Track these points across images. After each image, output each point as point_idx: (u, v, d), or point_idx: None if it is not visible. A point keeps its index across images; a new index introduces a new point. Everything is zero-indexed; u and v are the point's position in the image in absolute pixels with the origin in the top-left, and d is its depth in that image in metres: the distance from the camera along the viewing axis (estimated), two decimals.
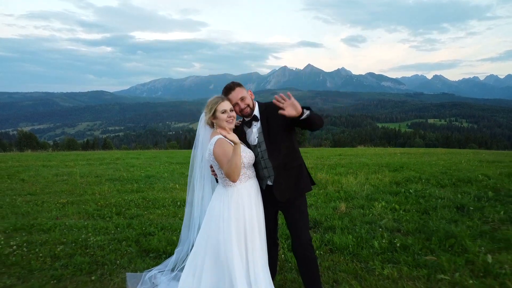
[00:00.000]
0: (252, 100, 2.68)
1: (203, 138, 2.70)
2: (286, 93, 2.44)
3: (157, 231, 4.64)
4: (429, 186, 7.16)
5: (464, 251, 3.64)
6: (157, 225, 4.94)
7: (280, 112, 2.39)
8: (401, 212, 5.29)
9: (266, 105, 2.71)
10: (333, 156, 15.31)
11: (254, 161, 2.65)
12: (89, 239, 4.31)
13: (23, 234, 4.59)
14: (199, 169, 2.79)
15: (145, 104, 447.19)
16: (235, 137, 2.31)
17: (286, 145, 2.67)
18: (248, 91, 2.68)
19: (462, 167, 9.66)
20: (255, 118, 2.68)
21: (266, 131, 2.64)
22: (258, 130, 2.68)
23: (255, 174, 2.69)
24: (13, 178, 9.57)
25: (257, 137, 2.68)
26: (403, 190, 6.74)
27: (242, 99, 2.60)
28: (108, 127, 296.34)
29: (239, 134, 2.69)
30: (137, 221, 5.15)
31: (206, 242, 2.54)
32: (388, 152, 17.28)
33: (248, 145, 2.71)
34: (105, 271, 3.46)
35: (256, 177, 2.71)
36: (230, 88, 2.60)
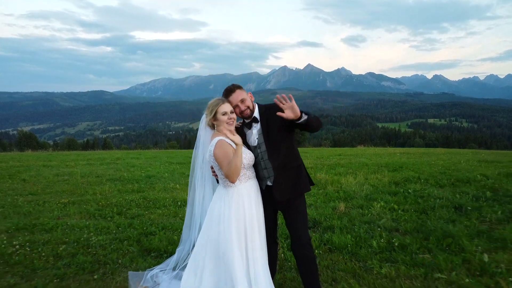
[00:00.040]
0: (252, 102, 2.73)
1: (204, 139, 2.76)
2: (287, 94, 2.49)
3: (158, 230, 4.68)
4: (428, 186, 7.20)
5: (461, 250, 3.69)
6: (158, 224, 4.98)
7: (279, 114, 2.45)
8: (399, 212, 5.33)
9: (265, 107, 2.76)
10: (332, 156, 15.35)
11: (254, 162, 2.70)
12: (91, 239, 4.35)
13: (25, 233, 4.63)
14: (200, 169, 2.84)
15: (145, 104, 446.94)
16: (238, 138, 2.37)
17: (286, 146, 2.72)
18: (248, 93, 2.73)
19: (461, 167, 9.71)
20: (255, 120, 2.73)
21: (266, 133, 2.69)
22: (258, 131, 2.72)
23: (255, 174, 2.74)
24: (14, 178, 9.60)
25: (257, 138, 2.73)
26: (402, 190, 6.78)
27: (242, 101, 2.65)
28: (108, 127, 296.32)
29: (239, 136, 2.73)
30: (138, 221, 5.19)
31: (207, 241, 2.60)
32: (387, 152, 17.32)
33: (248, 146, 2.76)
34: (107, 270, 3.51)
35: (256, 178, 2.76)
36: (230, 91, 2.66)
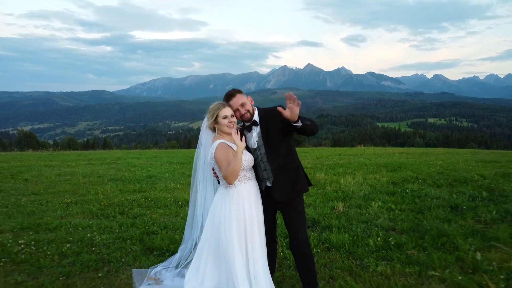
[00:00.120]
0: (252, 106, 2.83)
1: (205, 142, 2.86)
2: (288, 94, 2.57)
3: (160, 230, 4.78)
4: (425, 186, 7.29)
5: (455, 249, 3.78)
6: (160, 224, 5.07)
7: (279, 109, 2.55)
8: (397, 211, 5.42)
9: (265, 111, 2.86)
10: (332, 156, 15.45)
11: (253, 163, 2.80)
12: (94, 238, 4.45)
13: (30, 233, 4.72)
14: (201, 171, 2.95)
15: (145, 103, 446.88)
16: (242, 144, 2.48)
17: (284, 148, 2.81)
18: (248, 97, 2.83)
19: (459, 167, 9.80)
20: (255, 123, 2.83)
21: (265, 135, 2.79)
22: (258, 134, 2.82)
23: (254, 175, 2.84)
24: (16, 178, 9.69)
25: (256, 141, 2.82)
26: (400, 190, 6.87)
27: (243, 105, 2.75)
28: (108, 126, 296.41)
29: None
30: (140, 220, 5.29)
31: (208, 241, 2.71)
32: (387, 152, 17.41)
33: (248, 148, 2.86)
34: (111, 268, 3.60)
35: (256, 179, 2.86)
36: (231, 95, 2.76)
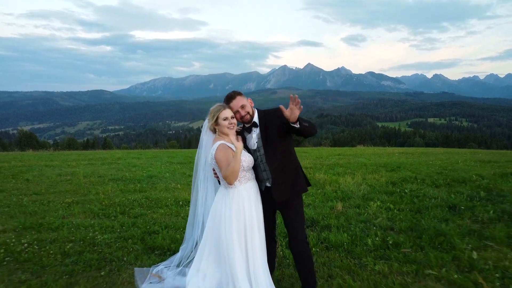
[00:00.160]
0: (252, 108, 2.89)
1: (206, 143, 2.92)
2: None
3: (161, 229, 4.83)
4: (424, 186, 7.34)
5: (452, 248, 3.84)
6: (161, 223, 5.12)
7: (281, 107, 2.61)
8: (395, 211, 5.47)
9: (264, 112, 2.91)
10: (332, 156, 15.50)
11: (253, 164, 2.86)
12: (96, 237, 4.50)
13: (32, 232, 4.78)
14: (202, 171, 3.01)
15: (145, 103, 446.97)
16: (240, 145, 2.53)
17: (283, 149, 2.87)
18: (248, 99, 2.88)
19: (458, 167, 9.86)
20: (255, 125, 2.88)
21: (265, 137, 2.84)
22: (257, 135, 2.88)
23: (254, 176, 2.90)
24: (18, 178, 9.75)
25: (256, 142, 2.88)
26: (399, 190, 6.92)
27: (243, 107, 2.80)
28: (108, 126, 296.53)
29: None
30: (141, 220, 5.35)
31: (209, 240, 2.77)
32: (386, 152, 17.46)
33: (248, 149, 2.92)
34: (114, 267, 3.66)
35: (256, 179, 2.91)
36: (231, 97, 2.82)
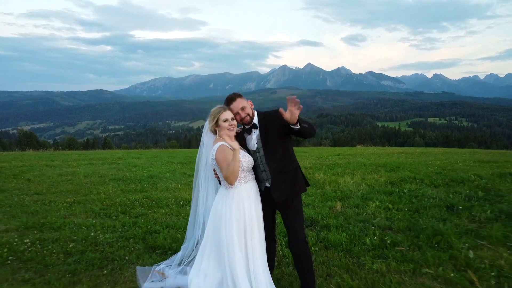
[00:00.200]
0: (252, 110, 2.95)
1: (207, 144, 2.97)
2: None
3: (162, 229, 4.88)
4: (423, 186, 7.39)
5: (449, 247, 3.89)
6: (162, 223, 5.17)
7: (280, 110, 2.66)
8: (394, 211, 5.52)
9: (264, 114, 2.97)
10: (331, 156, 15.54)
11: (253, 165, 2.91)
12: (98, 237, 4.56)
13: (35, 232, 4.83)
14: (203, 171, 3.06)
15: (145, 103, 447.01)
16: (236, 144, 2.58)
17: (283, 150, 2.93)
18: (248, 101, 2.94)
19: (457, 167, 9.90)
20: (254, 126, 2.94)
21: (264, 138, 2.90)
22: (257, 137, 2.93)
23: (254, 176, 2.95)
24: (19, 178, 9.79)
25: (256, 143, 2.94)
26: (398, 190, 6.97)
27: (243, 108, 2.86)
28: (108, 126, 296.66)
29: (240, 141, 2.96)
30: (142, 220, 5.40)
31: (210, 240, 2.83)
32: (386, 152, 17.51)
33: (248, 150, 2.97)
34: (116, 266, 3.71)
35: (256, 180, 2.97)
36: (231, 99, 2.87)
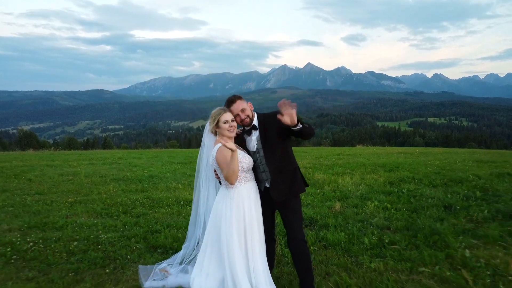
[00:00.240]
0: (252, 111, 3.01)
1: (208, 145, 3.04)
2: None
3: (163, 228, 4.94)
4: (421, 186, 7.44)
5: (446, 246, 3.95)
6: (163, 223, 5.23)
7: (278, 117, 2.70)
8: (392, 211, 5.58)
9: (264, 116, 3.03)
10: (331, 155, 15.58)
11: (253, 165, 2.97)
12: (100, 236, 4.61)
13: (37, 231, 4.88)
14: (204, 172, 3.13)
15: (145, 102, 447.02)
16: (232, 145, 2.65)
17: (282, 151, 2.99)
18: (248, 103, 3.00)
19: (456, 167, 9.95)
20: (254, 127, 3.00)
21: (264, 139, 2.96)
22: (257, 138, 2.99)
23: (254, 177, 3.01)
24: (20, 178, 9.82)
25: (256, 144, 3.00)
26: (396, 190, 7.02)
27: (243, 110, 2.92)
28: (108, 125, 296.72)
29: (240, 142, 3.02)
30: (143, 219, 5.45)
31: (211, 239, 2.89)
32: (385, 152, 17.55)
33: (248, 151, 3.03)
34: (118, 265, 3.77)
35: (255, 180, 3.03)
36: (231, 101, 2.93)
